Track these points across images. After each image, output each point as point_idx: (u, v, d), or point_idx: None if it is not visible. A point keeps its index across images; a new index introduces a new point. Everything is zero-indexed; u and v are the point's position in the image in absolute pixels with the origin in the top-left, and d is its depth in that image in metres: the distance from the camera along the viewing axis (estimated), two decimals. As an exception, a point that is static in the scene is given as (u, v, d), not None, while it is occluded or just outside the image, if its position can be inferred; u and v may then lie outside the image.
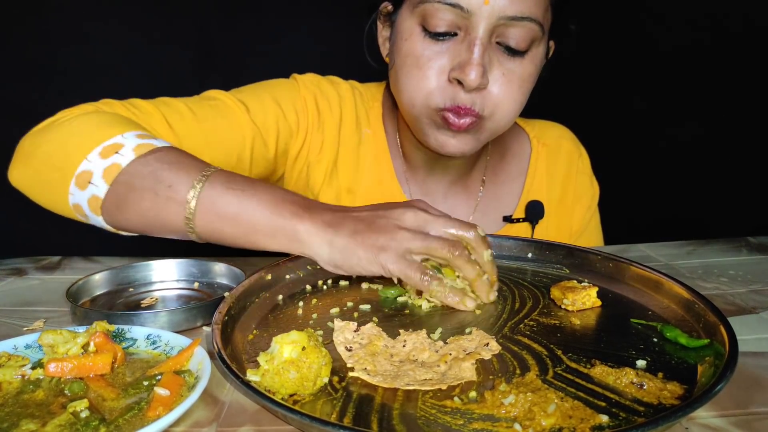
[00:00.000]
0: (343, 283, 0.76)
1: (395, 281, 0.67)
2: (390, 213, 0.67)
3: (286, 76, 0.99)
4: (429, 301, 0.68)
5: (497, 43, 0.79)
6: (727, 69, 1.75)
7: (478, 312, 0.67)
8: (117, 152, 0.69)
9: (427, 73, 0.81)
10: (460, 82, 0.79)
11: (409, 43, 0.82)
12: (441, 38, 0.80)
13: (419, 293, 0.69)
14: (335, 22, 1.01)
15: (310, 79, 0.98)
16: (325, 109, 0.97)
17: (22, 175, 0.75)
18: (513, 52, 0.80)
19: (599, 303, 0.67)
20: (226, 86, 0.92)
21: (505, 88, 0.81)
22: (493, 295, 0.69)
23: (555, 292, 0.69)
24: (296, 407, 0.46)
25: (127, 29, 1.64)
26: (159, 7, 1.64)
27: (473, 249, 0.68)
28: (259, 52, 1.70)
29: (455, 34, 0.79)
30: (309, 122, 0.96)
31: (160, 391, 0.48)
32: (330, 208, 0.68)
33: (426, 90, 0.82)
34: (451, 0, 0.76)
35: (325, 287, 0.75)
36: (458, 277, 0.69)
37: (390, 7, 0.88)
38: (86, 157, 0.69)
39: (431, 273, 0.65)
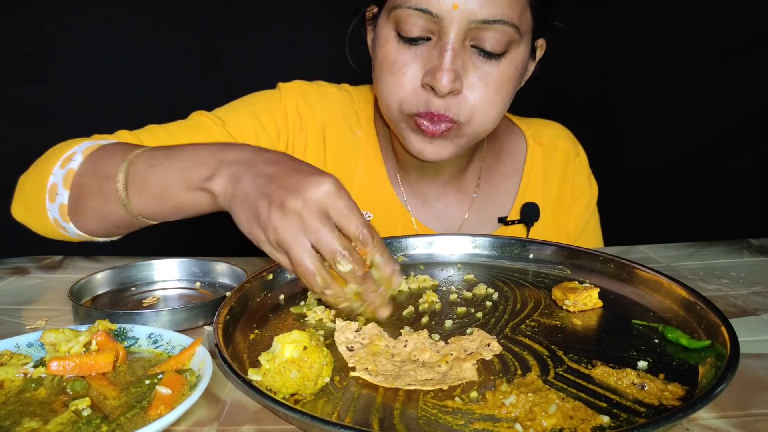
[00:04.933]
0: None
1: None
2: (290, 185, 0.57)
3: (287, 78, 1.00)
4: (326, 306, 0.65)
5: (472, 46, 0.79)
6: (731, 69, 1.75)
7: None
8: (72, 160, 0.75)
9: (400, 79, 0.81)
10: (432, 88, 0.79)
11: (384, 48, 0.82)
12: (414, 43, 0.80)
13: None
14: (336, 26, 1.01)
15: (293, 86, 1.00)
16: (307, 115, 0.98)
17: (17, 208, 0.82)
18: (488, 55, 0.79)
19: (600, 304, 0.67)
20: (229, 88, 0.93)
21: (482, 92, 0.80)
22: (397, 282, 0.61)
23: (556, 293, 0.69)
24: (297, 407, 0.46)
25: (132, 32, 1.64)
26: (163, 10, 1.65)
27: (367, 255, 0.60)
28: (261, 55, 1.71)
29: (429, 39, 0.79)
30: (290, 127, 0.98)
31: (162, 389, 0.48)
32: (239, 159, 0.63)
33: (399, 96, 0.82)
34: (421, 6, 0.76)
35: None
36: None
37: (375, 10, 0.88)
38: (51, 172, 0.76)
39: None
